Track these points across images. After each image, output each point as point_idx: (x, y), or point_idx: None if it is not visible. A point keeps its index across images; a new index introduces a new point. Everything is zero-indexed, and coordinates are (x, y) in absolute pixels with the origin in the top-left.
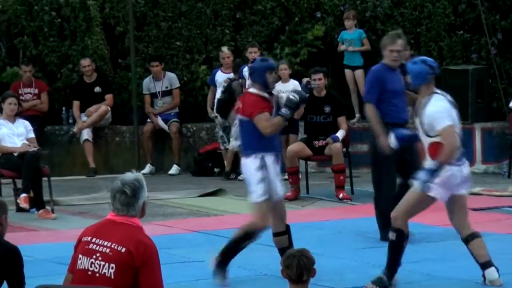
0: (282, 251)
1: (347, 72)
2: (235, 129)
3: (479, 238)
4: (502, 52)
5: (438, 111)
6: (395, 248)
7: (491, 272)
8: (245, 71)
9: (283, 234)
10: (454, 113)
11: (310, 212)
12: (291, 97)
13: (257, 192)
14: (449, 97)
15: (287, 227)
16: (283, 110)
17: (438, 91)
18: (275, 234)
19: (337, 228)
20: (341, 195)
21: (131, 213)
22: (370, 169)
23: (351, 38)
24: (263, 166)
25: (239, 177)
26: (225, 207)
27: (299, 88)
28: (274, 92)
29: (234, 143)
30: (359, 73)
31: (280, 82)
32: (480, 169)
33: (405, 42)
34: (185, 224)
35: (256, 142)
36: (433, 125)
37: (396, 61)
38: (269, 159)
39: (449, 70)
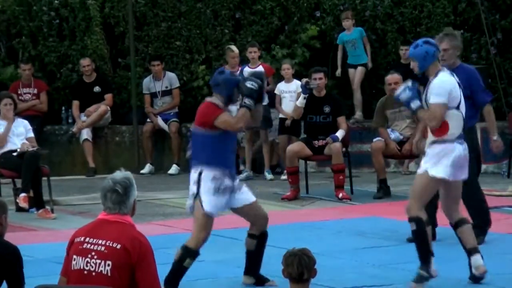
0: (247, 253)
1: (351, 71)
2: None
3: (468, 225)
4: (502, 51)
5: (439, 85)
6: (419, 236)
7: (477, 259)
8: (246, 71)
9: (253, 237)
10: (457, 91)
11: (310, 211)
12: (248, 86)
13: (190, 204)
14: (454, 75)
15: (262, 234)
16: (246, 101)
17: (445, 68)
18: (247, 235)
19: (337, 228)
20: (340, 195)
21: (123, 211)
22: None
23: (353, 38)
24: (198, 181)
25: (239, 177)
26: None
27: (301, 88)
28: (276, 92)
29: None
30: (360, 69)
31: (283, 82)
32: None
33: (455, 41)
34: (185, 224)
35: (199, 155)
36: (429, 95)
37: (442, 60)
38: (209, 174)
39: None
